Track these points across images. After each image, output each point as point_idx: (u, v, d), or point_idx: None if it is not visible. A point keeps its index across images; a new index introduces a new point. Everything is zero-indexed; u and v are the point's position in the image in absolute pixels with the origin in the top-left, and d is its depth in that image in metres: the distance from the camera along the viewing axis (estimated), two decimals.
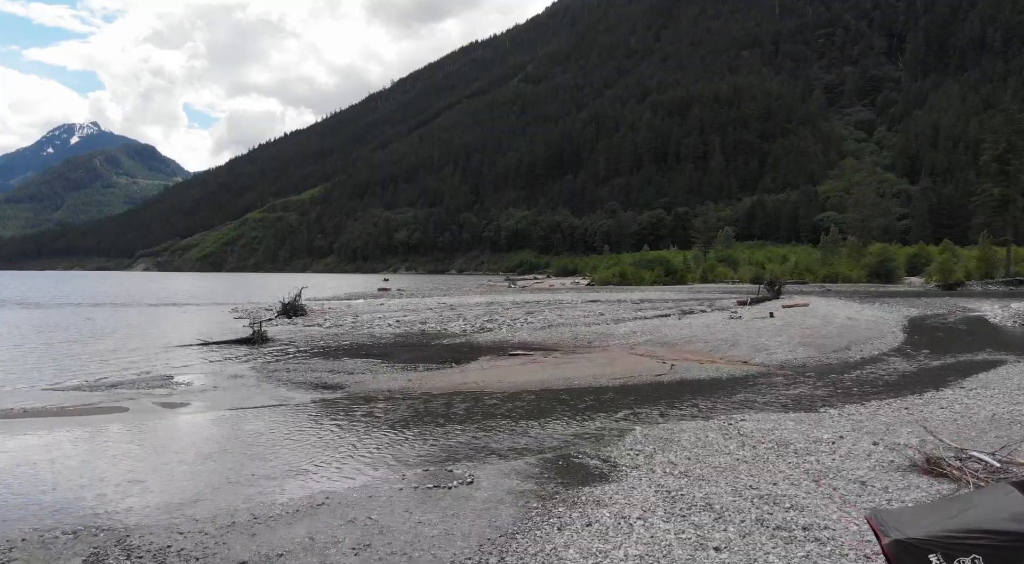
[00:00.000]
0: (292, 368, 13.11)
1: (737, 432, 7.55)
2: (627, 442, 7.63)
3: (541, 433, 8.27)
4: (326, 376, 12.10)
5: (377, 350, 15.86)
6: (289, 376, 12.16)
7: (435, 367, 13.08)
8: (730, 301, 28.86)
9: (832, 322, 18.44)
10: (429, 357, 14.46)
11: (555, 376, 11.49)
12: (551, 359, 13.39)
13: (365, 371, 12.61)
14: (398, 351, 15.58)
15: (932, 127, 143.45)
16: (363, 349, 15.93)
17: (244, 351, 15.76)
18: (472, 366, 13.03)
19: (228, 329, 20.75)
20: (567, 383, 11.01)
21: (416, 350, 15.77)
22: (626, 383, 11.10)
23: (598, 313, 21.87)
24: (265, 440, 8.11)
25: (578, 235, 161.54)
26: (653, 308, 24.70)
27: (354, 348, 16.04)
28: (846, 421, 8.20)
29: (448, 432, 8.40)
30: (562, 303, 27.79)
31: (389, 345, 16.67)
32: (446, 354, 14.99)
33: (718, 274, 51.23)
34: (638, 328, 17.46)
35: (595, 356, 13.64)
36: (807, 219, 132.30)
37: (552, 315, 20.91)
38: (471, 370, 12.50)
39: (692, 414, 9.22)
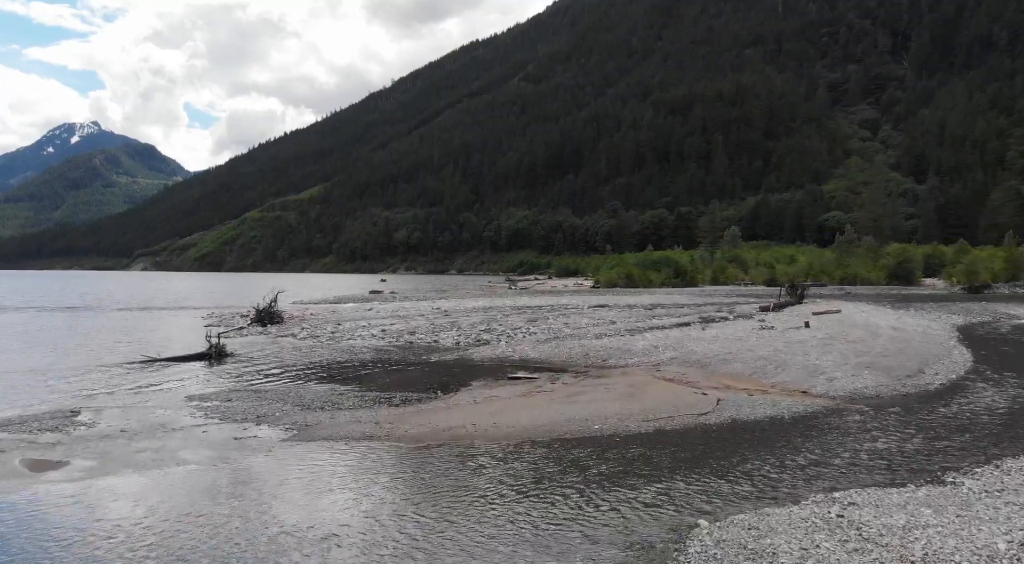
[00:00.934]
0: (236, 399, 10.48)
1: (857, 533, 4.83)
2: (692, 558, 4.87)
3: (550, 538, 5.33)
4: (273, 413, 9.51)
5: (351, 371, 13.35)
6: (226, 412, 9.55)
7: (416, 398, 10.47)
8: (750, 306, 26.34)
9: (879, 334, 15.97)
10: (412, 382, 11.90)
11: (567, 416, 8.85)
12: (560, 386, 10.95)
13: (326, 404, 10.07)
14: (375, 373, 13.08)
15: (938, 126, 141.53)
16: (334, 370, 13.40)
17: (192, 372, 13.21)
18: (462, 397, 10.37)
19: (195, 339, 18.33)
20: (583, 427, 8.40)
21: (397, 371, 13.27)
22: (662, 427, 8.42)
23: (608, 321, 19.35)
24: (123, 536, 5.42)
25: (579, 235, 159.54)
26: (668, 314, 22.17)
27: (324, 368, 13.45)
28: (1003, 504, 5.60)
29: (406, 534, 5.43)
30: (567, 308, 25.25)
31: (367, 364, 14.10)
32: (433, 377, 12.49)
33: (729, 276, 48.50)
34: (659, 341, 14.90)
35: (615, 382, 11.08)
36: (812, 219, 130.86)
37: (557, 323, 18.40)
38: (460, 404, 9.85)
39: (770, 487, 6.52)
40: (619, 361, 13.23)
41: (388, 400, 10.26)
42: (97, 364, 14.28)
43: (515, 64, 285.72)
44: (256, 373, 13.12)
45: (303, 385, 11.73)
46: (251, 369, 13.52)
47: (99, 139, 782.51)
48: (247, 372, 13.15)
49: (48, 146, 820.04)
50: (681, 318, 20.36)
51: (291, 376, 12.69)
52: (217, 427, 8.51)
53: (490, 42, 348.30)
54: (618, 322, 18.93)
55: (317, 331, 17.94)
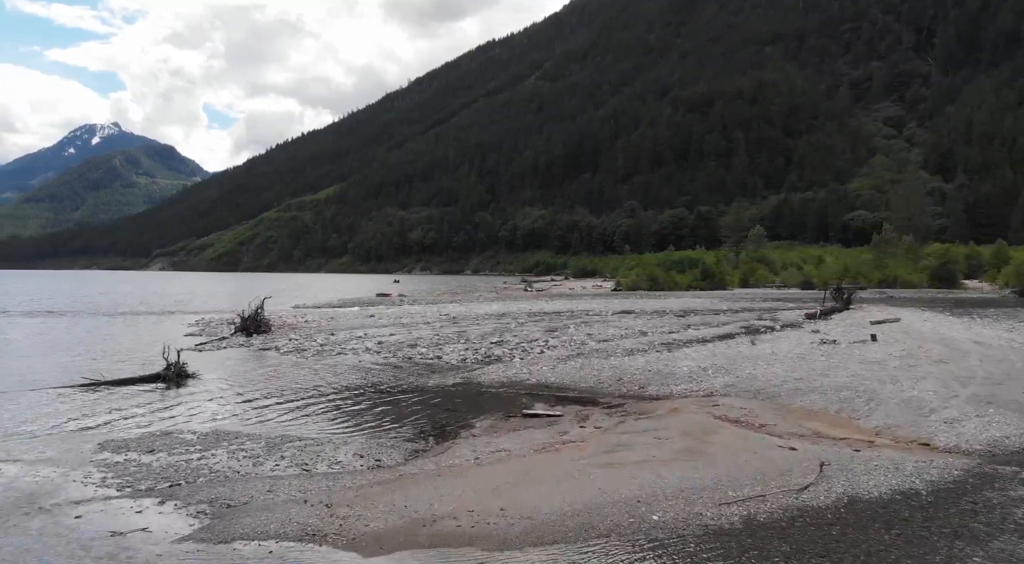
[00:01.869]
0: (159, 450, 7.83)
1: None
2: None
3: None
4: (195, 478, 6.82)
5: (326, 401, 10.90)
6: (135, 475, 6.87)
7: (398, 452, 7.83)
8: (792, 313, 23.70)
9: (964, 351, 13.31)
10: (398, 420, 9.46)
11: (608, 494, 5.89)
12: (592, 432, 8.29)
13: (277, 457, 7.52)
14: (356, 406, 10.66)
15: (965, 123, 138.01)
16: (308, 398, 10.92)
17: (133, 401, 10.64)
18: (460, 451, 7.81)
19: (175, 345, 16.09)
20: (636, 520, 5.39)
21: (384, 402, 10.81)
22: (751, 515, 5.48)
23: (638, 331, 16.81)
24: None
25: (596, 235, 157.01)
26: (705, 323, 19.57)
27: (296, 396, 10.90)
28: None
29: None
30: (588, 315, 22.72)
31: (349, 390, 11.54)
32: (427, 412, 9.98)
33: (759, 278, 45.46)
34: (705, 360, 12.33)
35: (664, 425, 8.32)
36: (836, 218, 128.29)
37: (580, 334, 15.94)
38: (456, 466, 7.18)
39: None
40: (661, 389, 10.62)
41: (359, 457, 7.58)
42: (27, 388, 11.90)
43: (532, 63, 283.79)
44: (210, 403, 10.71)
45: (259, 424, 9.25)
46: (206, 398, 11.02)
47: (119, 140, 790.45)
48: (199, 403, 10.63)
49: (69, 147, 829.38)
50: (721, 328, 17.77)
51: (251, 408, 10.29)
52: (103, 506, 5.85)
53: (507, 41, 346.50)
54: (649, 333, 16.39)
55: (305, 343, 15.50)
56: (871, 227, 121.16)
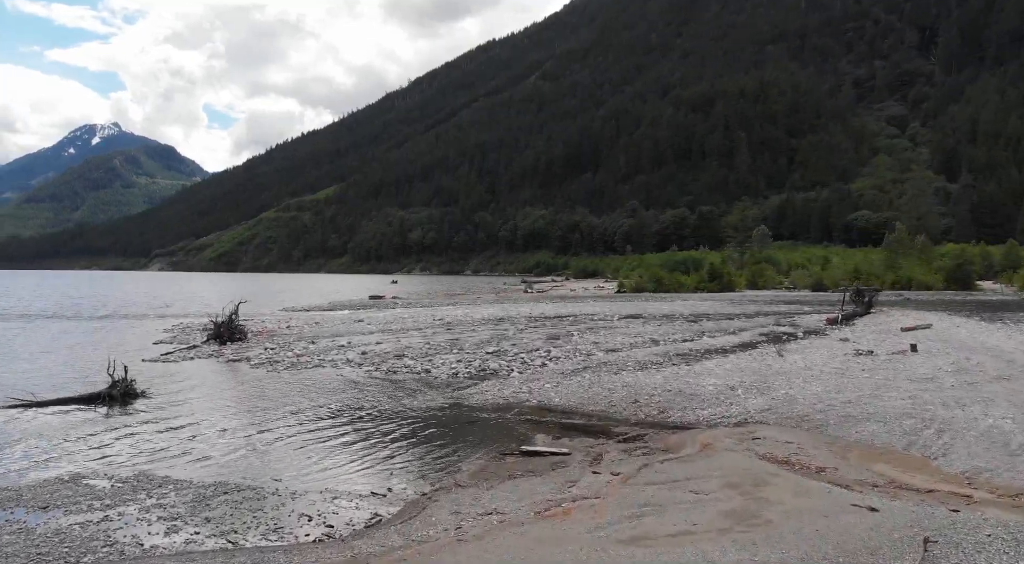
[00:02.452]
0: (60, 503, 6.15)
1: None
2: None
3: None
4: (89, 554, 5.14)
5: (285, 431, 9.11)
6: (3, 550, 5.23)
7: (361, 504, 6.40)
8: (810, 317, 22.11)
9: (1020, 362, 11.81)
10: (367, 458, 7.83)
11: None
12: (609, 482, 6.41)
13: (200, 520, 5.78)
14: (321, 438, 8.81)
15: (969, 122, 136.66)
16: (265, 427, 9.22)
17: (61, 427, 8.78)
18: (439, 515, 5.86)
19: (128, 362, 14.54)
20: None
21: (356, 432, 9.08)
22: None
23: (649, 339, 15.26)
24: None
25: (597, 235, 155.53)
26: (720, 329, 17.99)
27: (251, 423, 9.43)
28: None
29: None
30: (593, 319, 21.13)
31: (317, 416, 9.92)
32: (403, 451, 8.31)
33: (768, 279, 43.67)
34: (732, 377, 11.03)
35: (698, 470, 6.48)
36: (839, 218, 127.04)
37: (585, 343, 14.37)
38: (430, 546, 5.12)
39: None
40: (685, 414, 8.95)
41: (305, 518, 5.83)
42: None
43: (532, 63, 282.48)
44: (149, 433, 9.09)
45: (198, 463, 7.64)
46: (148, 425, 9.46)
47: (119, 140, 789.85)
48: (137, 431, 9.08)
49: (69, 147, 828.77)
50: (739, 335, 16.18)
51: (196, 440, 8.64)
52: None
53: (507, 41, 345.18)
54: (661, 341, 14.83)
55: (280, 353, 13.90)
56: (875, 227, 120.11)
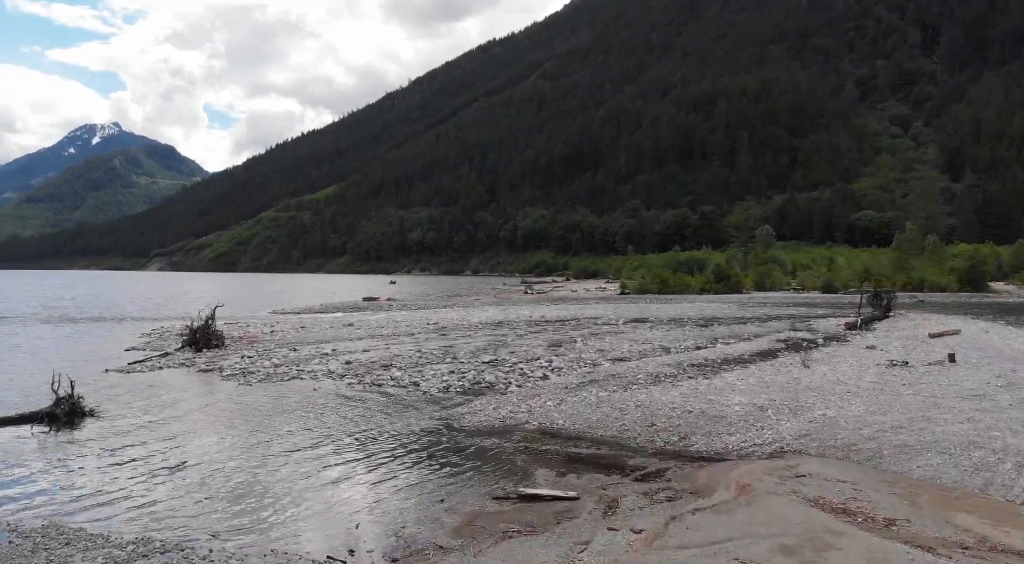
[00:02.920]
0: None
1: None
2: None
3: None
4: None
5: (239, 464, 7.67)
6: None
7: None
8: (827, 321, 20.99)
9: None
10: (328, 504, 6.52)
11: None
12: (631, 543, 5.12)
13: None
14: (276, 475, 7.34)
15: (973, 122, 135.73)
16: (216, 459, 7.89)
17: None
18: None
19: (92, 371, 13.42)
20: None
21: (322, 466, 7.64)
22: None
23: (659, 346, 14.14)
24: None
25: (598, 235, 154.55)
26: (733, 334, 16.82)
27: (202, 452, 8.13)
28: None
29: None
30: (597, 323, 19.99)
31: (280, 444, 8.42)
32: (375, 493, 6.94)
33: (776, 280, 42.32)
34: (758, 392, 9.87)
35: (739, 528, 5.20)
36: (842, 218, 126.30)
37: (589, 350, 13.28)
38: None
39: None
40: (712, 441, 7.80)
41: None
42: None
43: (532, 62, 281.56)
44: (84, 465, 7.83)
45: (126, 510, 6.37)
46: (87, 454, 8.21)
47: (120, 140, 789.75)
48: (71, 462, 7.88)
49: (69, 147, 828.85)
50: (755, 342, 15.03)
51: (133, 477, 7.28)
52: None
53: (507, 41, 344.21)
54: (672, 348, 13.69)
55: (257, 363, 12.76)
56: (878, 227, 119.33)
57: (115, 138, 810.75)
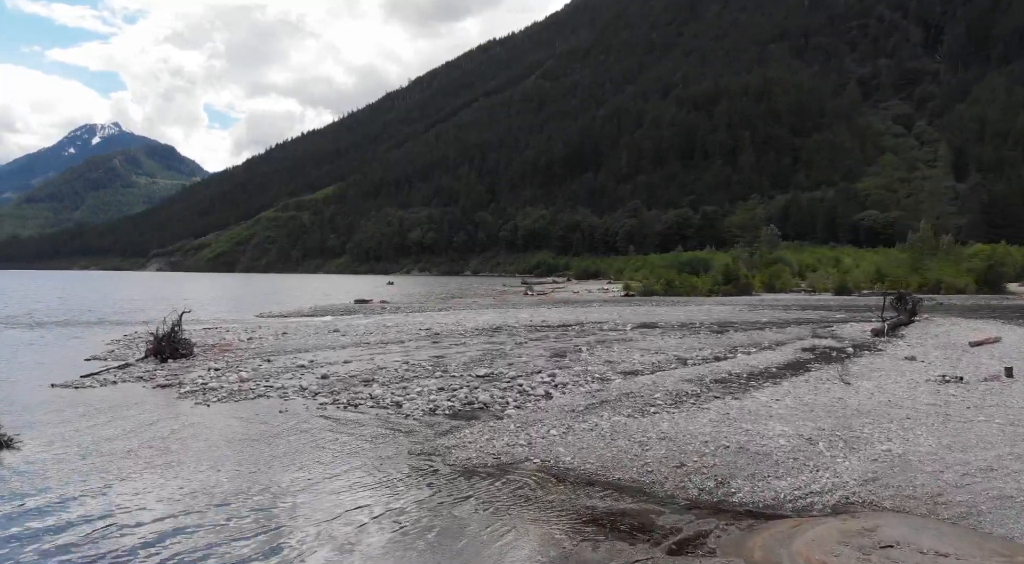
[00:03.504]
0: None
1: None
2: None
3: None
4: None
5: (150, 526, 5.75)
6: None
7: None
8: (849, 326, 19.53)
9: None
10: None
11: None
12: None
13: None
14: (198, 548, 5.31)
15: (978, 121, 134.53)
16: (136, 519, 5.92)
17: None
18: None
19: (60, 374, 11.99)
20: None
21: (258, 531, 5.60)
22: None
23: (674, 356, 12.63)
24: None
25: (598, 235, 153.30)
26: (752, 342, 15.17)
27: (117, 497, 6.47)
28: None
29: None
30: (603, 328, 18.48)
31: (219, 500, 6.37)
32: None
33: (786, 282, 40.66)
34: (802, 420, 8.15)
35: None
36: (845, 218, 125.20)
37: (597, 362, 11.85)
38: None
39: None
40: (757, 489, 6.19)
41: None
42: None
43: (533, 62, 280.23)
44: None
45: None
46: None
47: (120, 140, 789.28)
48: None
49: (69, 147, 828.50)
50: (778, 351, 13.50)
51: (17, 539, 5.51)
52: None
53: (507, 40, 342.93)
54: (689, 360, 12.19)
55: (223, 376, 11.16)
56: (882, 227, 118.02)
57: (115, 138, 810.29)
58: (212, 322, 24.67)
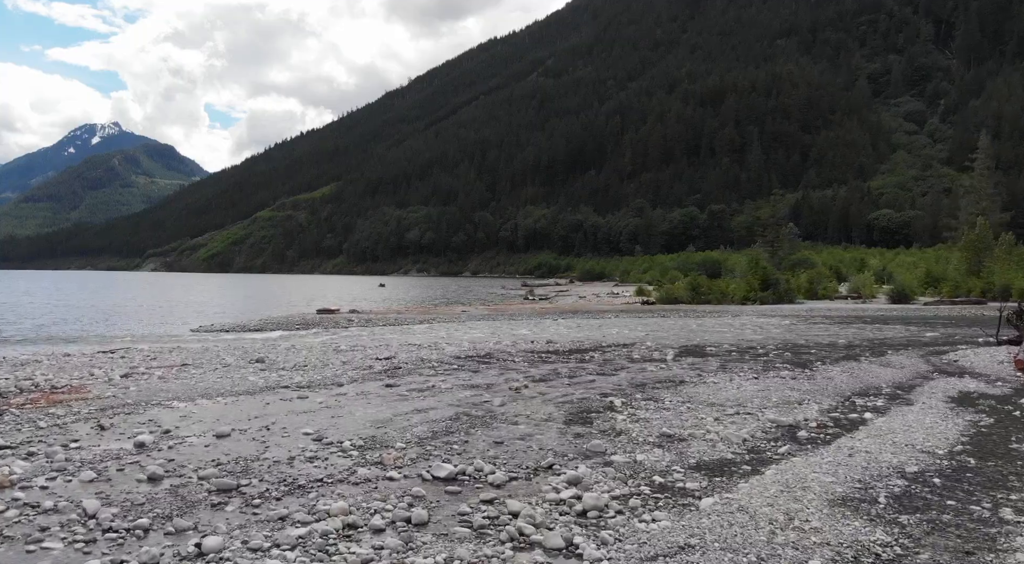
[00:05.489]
0: None
1: None
2: None
3: None
4: None
5: None
6: None
7: None
8: (967, 352, 14.53)
9: None
10: None
11: None
12: None
13: None
14: None
15: (993, 117, 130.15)
16: None
17: None
18: None
19: None
20: None
21: None
22: None
23: (769, 420, 7.18)
24: None
25: (601, 235, 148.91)
26: (859, 383, 10.15)
27: None
28: None
29: None
30: (632, 356, 13.12)
31: None
32: None
33: (828, 288, 35.09)
34: None
35: None
36: (859, 217, 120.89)
37: (648, 438, 6.86)
38: None
39: None
40: None
41: None
42: None
43: (534, 60, 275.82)
44: None
45: None
46: None
47: (120, 140, 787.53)
48: None
49: (69, 147, 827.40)
50: (917, 405, 8.57)
51: None
52: None
53: (509, 39, 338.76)
54: (797, 426, 7.09)
55: (27, 450, 6.59)
56: (897, 227, 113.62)
57: (115, 138, 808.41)
58: (129, 339, 19.68)
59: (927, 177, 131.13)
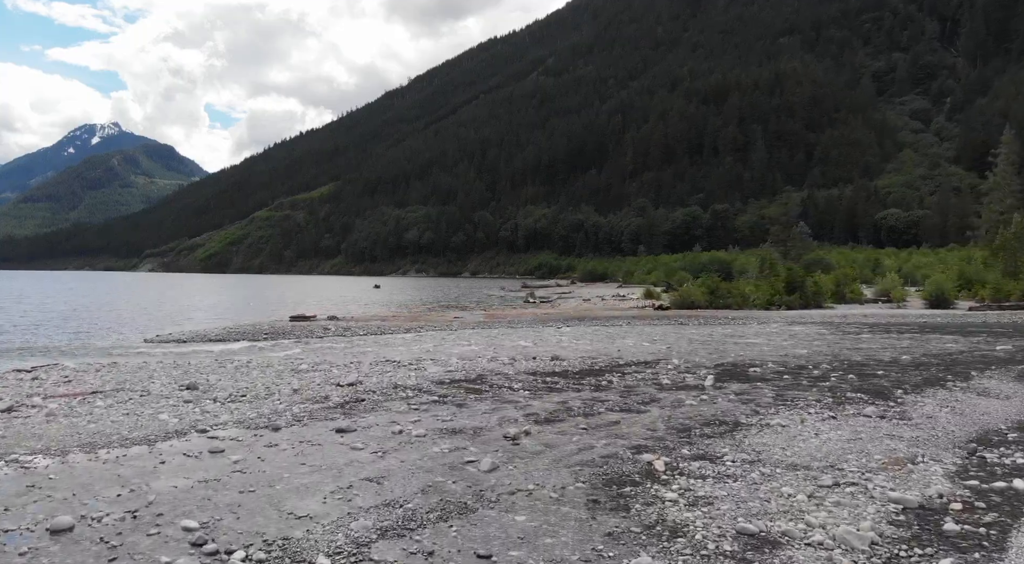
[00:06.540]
0: None
1: None
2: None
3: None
4: None
5: None
6: None
7: None
8: None
9: None
10: None
11: None
12: None
13: None
14: None
15: (1000, 116, 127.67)
16: None
17: None
18: None
19: None
20: None
21: None
22: None
23: (861, 471, 5.48)
24: None
25: (603, 235, 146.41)
26: (963, 421, 7.66)
27: None
28: None
29: None
30: (659, 380, 10.27)
31: None
32: None
33: (855, 291, 32.38)
34: None
35: None
36: (866, 217, 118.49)
37: (715, 534, 4.24)
38: None
39: None
40: None
41: None
42: None
43: (535, 59, 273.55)
44: None
45: None
46: None
47: (119, 140, 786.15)
48: None
49: (69, 147, 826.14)
50: None
51: None
52: None
53: (509, 38, 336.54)
54: (935, 499, 4.95)
55: None
56: (905, 226, 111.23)
57: (115, 138, 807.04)
58: (62, 352, 17.06)
59: (935, 176, 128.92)
